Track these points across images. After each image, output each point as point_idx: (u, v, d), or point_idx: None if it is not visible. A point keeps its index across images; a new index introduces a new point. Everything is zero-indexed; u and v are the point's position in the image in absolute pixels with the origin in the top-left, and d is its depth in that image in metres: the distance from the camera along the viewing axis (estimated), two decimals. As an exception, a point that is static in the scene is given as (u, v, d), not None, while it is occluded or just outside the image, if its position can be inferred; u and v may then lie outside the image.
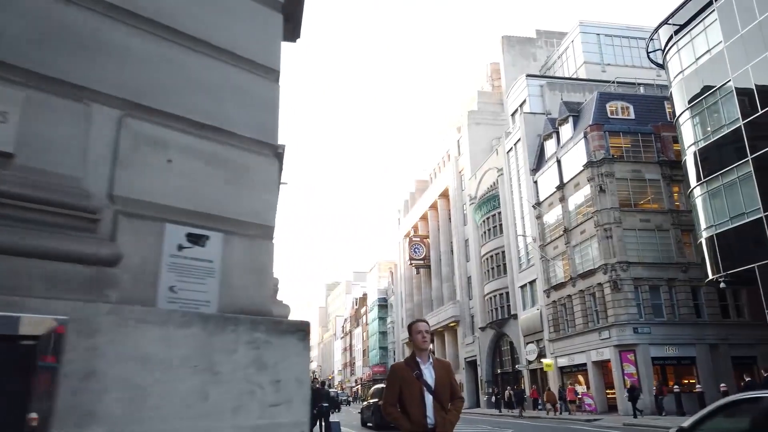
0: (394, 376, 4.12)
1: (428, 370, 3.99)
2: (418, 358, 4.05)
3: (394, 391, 4.01)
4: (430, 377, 3.97)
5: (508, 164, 41.11)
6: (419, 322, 4.16)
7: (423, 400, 3.88)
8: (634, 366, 26.78)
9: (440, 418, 3.88)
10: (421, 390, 3.90)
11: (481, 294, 45.06)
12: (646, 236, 28.79)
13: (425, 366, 4.00)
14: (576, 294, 30.95)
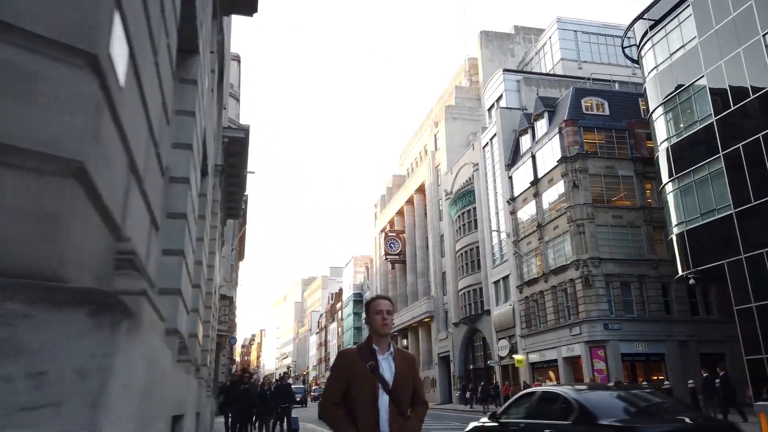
0: (341, 365, 3.19)
1: (387, 362, 3.14)
2: (375, 345, 3.17)
3: (338, 386, 3.13)
4: (388, 372, 3.11)
5: (484, 159, 40.86)
6: (379, 300, 3.29)
7: (376, 402, 3.03)
8: (604, 362, 26.75)
9: (396, 427, 3.03)
10: (374, 388, 3.05)
11: (455, 289, 44.84)
12: (618, 233, 28.77)
13: (383, 357, 3.14)
14: (548, 290, 30.83)
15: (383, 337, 3.20)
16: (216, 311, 18.53)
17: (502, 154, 37.43)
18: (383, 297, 3.34)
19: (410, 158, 67.38)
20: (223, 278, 30.96)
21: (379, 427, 3.00)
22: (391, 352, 3.19)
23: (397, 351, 3.24)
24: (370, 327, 3.25)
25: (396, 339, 60.99)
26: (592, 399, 6.16)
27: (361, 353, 3.15)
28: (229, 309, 31.42)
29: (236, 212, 20.09)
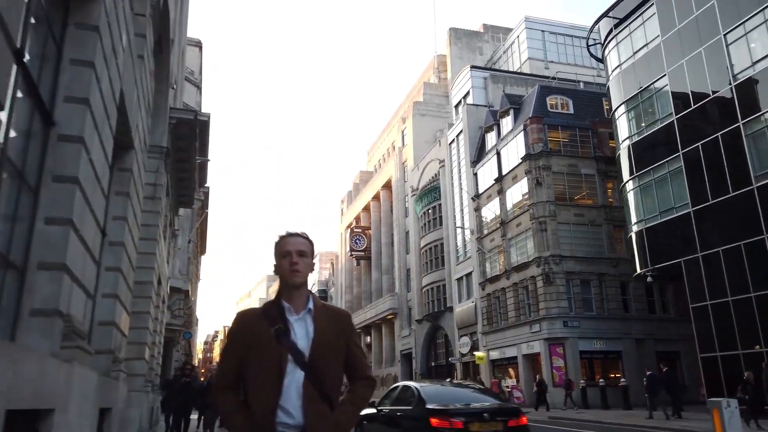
0: (237, 332, 2.29)
1: (302, 324, 2.24)
2: (285, 302, 2.28)
3: (231, 362, 2.26)
4: (304, 337, 2.22)
5: (450, 156, 40.68)
6: (288, 238, 2.33)
7: (281, 381, 2.14)
8: (563, 359, 26.80)
9: (316, 418, 2.13)
10: (280, 361, 2.15)
11: (419, 286, 44.60)
12: (580, 231, 28.89)
13: (297, 317, 2.25)
14: (510, 287, 30.78)
15: (296, 289, 2.27)
16: (163, 303, 17.67)
17: (467, 151, 37.28)
18: (295, 234, 2.35)
19: (378, 155, 66.95)
20: (179, 270, 29.93)
21: (279, 418, 2.08)
22: (310, 309, 2.27)
23: (321, 308, 2.31)
24: (279, 276, 2.32)
25: (360, 336, 60.57)
26: (427, 391, 8.78)
27: (267, 314, 2.24)
28: (184, 303, 30.35)
29: (189, 200, 19.22)
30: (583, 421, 19.29)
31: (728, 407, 7.84)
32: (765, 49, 17.45)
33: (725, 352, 18.00)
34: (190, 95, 32.48)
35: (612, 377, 26.87)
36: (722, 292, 18.28)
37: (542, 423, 19.31)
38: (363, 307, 59.20)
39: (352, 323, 2.44)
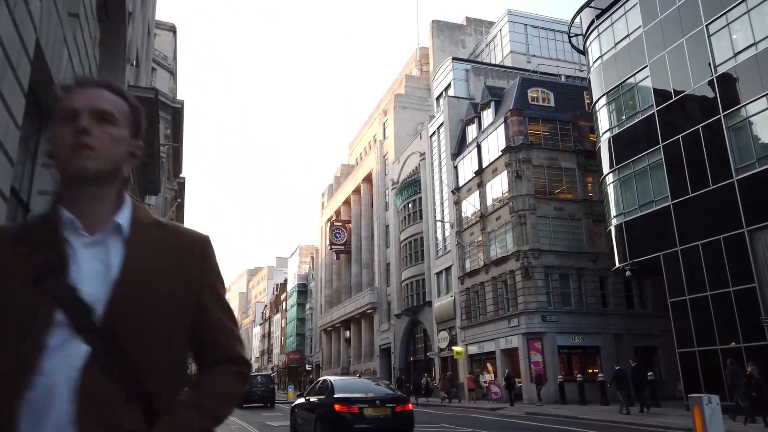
0: None
1: (98, 253, 1.18)
2: (66, 210, 1.18)
3: None
4: (95, 278, 1.15)
5: (431, 148, 40.18)
6: (80, 88, 1.22)
7: (33, 364, 1.07)
8: (541, 354, 26.50)
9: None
10: (38, 323, 1.09)
11: (398, 280, 44.12)
12: (559, 225, 28.59)
13: (88, 241, 1.18)
14: (489, 281, 30.41)
15: (88, 186, 1.19)
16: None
17: (448, 144, 36.81)
18: (91, 82, 1.25)
19: (360, 148, 66.29)
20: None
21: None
22: (119, 226, 1.21)
23: (149, 226, 1.26)
24: (55, 164, 1.19)
25: (338, 330, 60.07)
26: (338, 383, 11.06)
27: (27, 234, 1.19)
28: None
29: (155, 187, 18.39)
30: (561, 417, 18.97)
31: (709, 404, 7.42)
32: (747, 40, 17.18)
33: (703, 347, 17.77)
34: (162, 81, 31.48)
35: (590, 372, 26.67)
36: (701, 286, 18.04)
37: (518, 419, 18.95)
38: (342, 301, 58.60)
39: (212, 256, 1.37)
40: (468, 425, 15.98)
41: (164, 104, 31.17)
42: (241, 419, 18.19)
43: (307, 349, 74.96)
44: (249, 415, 20.57)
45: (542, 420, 18.17)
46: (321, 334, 66.32)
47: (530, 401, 25.88)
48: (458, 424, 16.17)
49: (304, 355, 75.38)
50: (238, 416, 19.21)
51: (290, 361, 77.49)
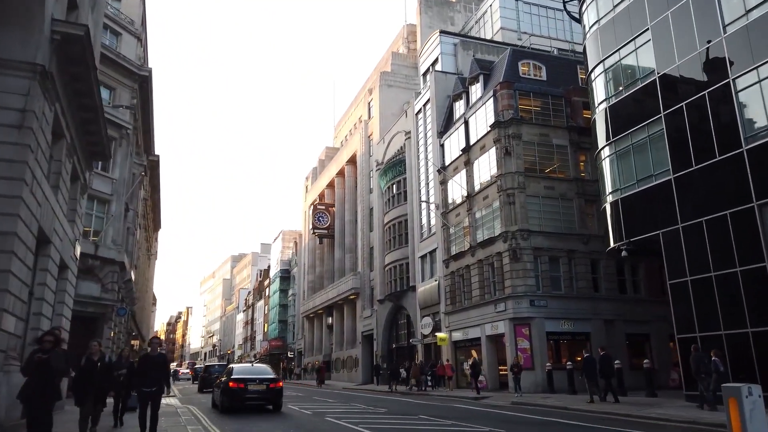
0: None
1: None
2: None
3: None
4: None
5: (416, 127, 38.39)
6: None
7: None
8: (528, 341, 25.02)
9: None
10: None
11: (382, 265, 42.50)
12: (550, 204, 27.01)
13: None
14: (475, 264, 28.83)
15: None
16: (64, 270, 14.98)
17: (434, 121, 35.04)
18: None
19: (345, 130, 64.31)
20: (112, 240, 27.04)
21: None
22: None
23: None
24: None
25: (321, 317, 58.37)
26: (237, 368, 17.07)
27: None
28: (119, 276, 27.50)
29: (101, 151, 16.45)
30: (549, 407, 17.47)
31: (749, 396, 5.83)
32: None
33: (706, 332, 16.27)
34: (129, 47, 29.27)
35: (580, 360, 25.18)
36: (704, 267, 16.52)
37: (504, 409, 17.40)
38: (325, 287, 56.91)
39: None
40: (447, 416, 14.39)
41: (129, 71, 29.10)
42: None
43: (289, 336, 73.30)
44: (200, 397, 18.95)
45: (529, 411, 16.65)
46: (303, 320, 64.67)
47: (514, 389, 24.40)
48: (437, 415, 14.57)
49: (287, 342, 73.73)
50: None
51: (272, 348, 75.81)
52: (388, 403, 20.16)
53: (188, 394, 28.90)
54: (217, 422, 13.14)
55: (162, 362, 9.79)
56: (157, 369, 9.58)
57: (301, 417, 14.47)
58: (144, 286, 53.91)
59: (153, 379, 9.37)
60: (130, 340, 40.81)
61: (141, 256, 45.57)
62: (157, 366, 9.59)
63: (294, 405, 19.00)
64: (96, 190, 26.27)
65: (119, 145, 28.05)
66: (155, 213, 58.56)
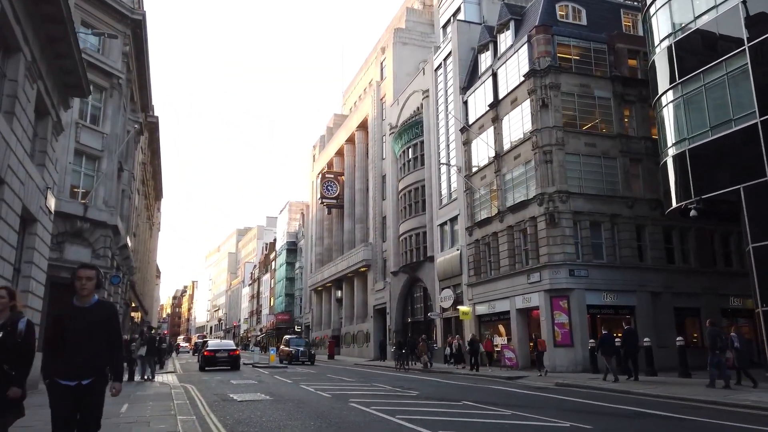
0: None
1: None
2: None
3: None
4: None
5: (436, 84, 35.30)
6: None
7: None
8: (567, 314, 22.40)
9: None
10: None
11: (395, 235, 39.87)
12: (591, 164, 24.14)
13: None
14: (503, 231, 26.10)
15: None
16: (34, 224, 12.35)
17: (456, 76, 31.96)
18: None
19: (354, 96, 61.11)
20: (104, 201, 24.43)
21: None
22: None
23: None
24: None
25: (329, 290, 56.09)
26: (212, 342, 30.95)
27: None
28: (113, 241, 24.96)
29: (79, 86, 13.68)
30: (607, 390, 14.88)
31: None
32: None
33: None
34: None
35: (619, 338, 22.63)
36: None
37: (554, 392, 14.80)
38: (334, 259, 54.48)
39: None
40: (497, 402, 11.82)
41: (120, 14, 26.07)
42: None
43: (296, 310, 71.27)
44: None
45: (585, 395, 14.06)
46: (311, 294, 62.44)
47: (552, 368, 21.91)
48: (484, 401, 12.00)
49: (293, 316, 71.74)
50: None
51: (279, 322, 73.88)
52: (415, 384, 17.65)
53: (189, 370, 26.57)
54: (219, 411, 10.61)
55: (106, 319, 4.54)
56: (95, 335, 4.40)
57: (320, 402, 11.93)
58: (146, 257, 51.57)
59: (85, 359, 4.32)
60: (130, 311, 38.57)
61: (141, 225, 43.08)
62: (93, 329, 4.40)
63: (308, 384, 16.52)
64: (84, 144, 23.60)
65: (110, 96, 25.24)
66: (156, 181, 55.93)
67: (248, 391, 14.41)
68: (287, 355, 34.07)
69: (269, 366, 28.40)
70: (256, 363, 31.14)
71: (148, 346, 16.98)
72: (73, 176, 23.21)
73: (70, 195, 22.88)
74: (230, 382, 17.99)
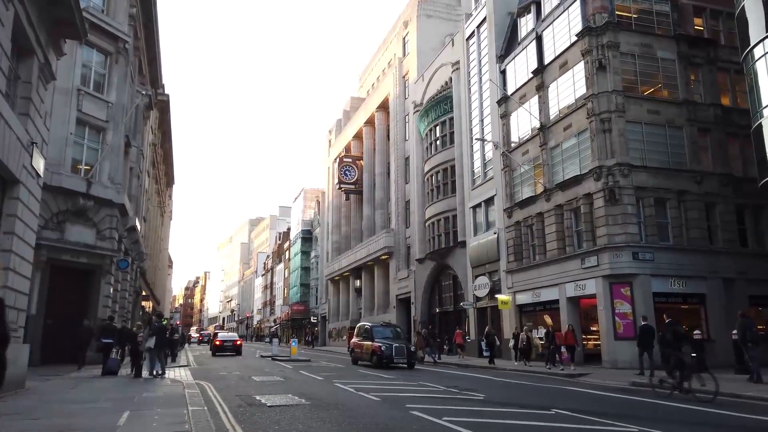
0: None
1: None
2: None
3: None
4: None
5: (467, 55, 32.53)
6: None
7: None
8: (630, 303, 19.76)
9: None
10: None
11: (421, 220, 37.30)
12: (654, 133, 21.37)
13: None
14: (551, 211, 23.44)
15: None
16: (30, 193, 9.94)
17: (492, 44, 29.18)
18: None
19: (372, 77, 58.36)
20: (108, 177, 22.10)
21: None
22: None
23: None
24: None
25: (347, 280, 53.74)
26: (220, 334, 41.35)
27: None
28: (119, 222, 22.66)
29: (71, 25, 11.22)
30: (704, 393, 12.22)
31: None
32: None
33: None
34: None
35: (692, 329, 19.93)
36: None
37: (639, 395, 12.14)
38: (353, 247, 52.04)
39: None
40: (596, 411, 9.27)
41: (126, -31, 23.72)
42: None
43: (312, 300, 69.02)
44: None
45: (683, 399, 11.44)
46: (328, 283, 60.13)
47: (613, 364, 19.34)
48: (581, 410, 9.45)
49: (309, 306, 69.50)
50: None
51: (294, 313, 71.73)
52: (466, 382, 15.13)
53: (204, 364, 24.24)
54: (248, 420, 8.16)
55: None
56: None
57: (371, 410, 9.47)
58: (157, 245, 49.44)
59: None
60: (140, 300, 36.41)
61: (151, 210, 40.84)
62: None
63: (342, 383, 14.06)
64: (87, 114, 21.27)
65: (115, 61, 22.85)
66: (167, 166, 53.67)
67: (277, 392, 11.98)
68: (370, 353, 21.61)
69: (290, 359, 26.06)
70: (275, 356, 28.81)
71: (158, 337, 14.60)
72: (75, 149, 20.90)
73: (72, 169, 20.59)
74: (252, 378, 15.59)
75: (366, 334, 23.06)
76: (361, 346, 22.91)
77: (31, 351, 18.91)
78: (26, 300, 11.33)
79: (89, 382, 13.22)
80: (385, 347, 20.72)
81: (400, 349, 20.74)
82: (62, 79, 20.53)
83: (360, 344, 23.09)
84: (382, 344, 20.91)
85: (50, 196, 19.59)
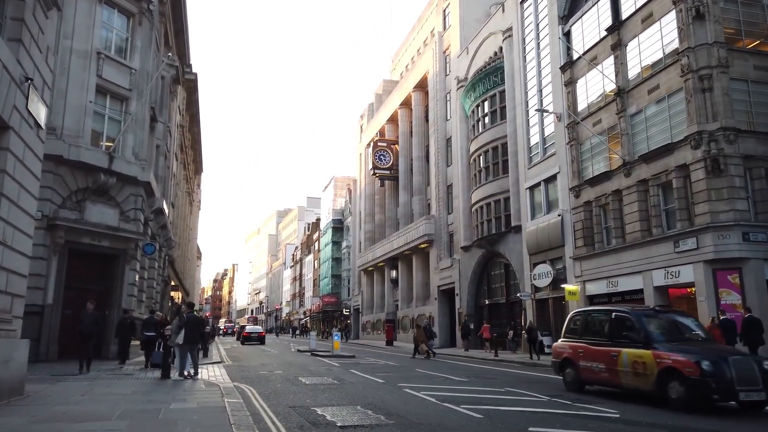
0: None
1: None
2: None
3: None
4: None
5: (521, 19, 29.42)
6: None
7: None
8: (739, 293, 16.65)
9: None
10: None
11: (466, 205, 34.41)
12: (764, 93, 18.13)
13: None
14: (631, 187, 20.36)
15: None
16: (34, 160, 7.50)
17: (554, 3, 26.05)
18: None
19: (406, 58, 55.40)
20: (132, 151, 19.82)
21: None
22: None
23: None
24: None
25: (382, 270, 51.22)
26: (247, 327, 48.27)
27: None
28: (144, 202, 20.41)
29: None
30: None
31: None
32: None
33: None
34: None
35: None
36: None
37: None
38: (388, 236, 49.39)
39: None
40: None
41: None
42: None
43: (344, 292, 66.72)
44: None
45: None
46: (360, 274, 57.67)
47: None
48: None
49: (341, 298, 67.23)
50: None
51: (325, 305, 69.54)
52: (555, 385, 12.31)
53: (240, 359, 21.85)
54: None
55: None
56: None
57: (463, 426, 6.73)
58: (186, 234, 47.57)
59: None
60: (169, 290, 34.40)
61: (180, 196, 38.82)
62: None
63: (411, 387, 11.38)
64: (108, 80, 19.01)
65: (138, 24, 20.53)
66: (195, 152, 51.73)
67: (338, 402, 9.37)
68: (655, 375, 9.38)
69: (332, 355, 23.56)
70: (314, 350, 26.36)
71: (189, 330, 12.11)
72: (95, 120, 18.63)
73: (92, 143, 18.34)
74: (300, 380, 13.04)
75: (619, 329, 10.63)
76: (607, 356, 10.57)
77: (48, 345, 16.86)
78: (24, 283, 8.91)
79: (107, 384, 10.81)
80: (710, 364, 8.70)
81: (745, 368, 8.81)
82: (79, 39, 18.25)
83: (601, 352, 10.79)
84: (700, 359, 8.84)
85: (68, 171, 17.40)
